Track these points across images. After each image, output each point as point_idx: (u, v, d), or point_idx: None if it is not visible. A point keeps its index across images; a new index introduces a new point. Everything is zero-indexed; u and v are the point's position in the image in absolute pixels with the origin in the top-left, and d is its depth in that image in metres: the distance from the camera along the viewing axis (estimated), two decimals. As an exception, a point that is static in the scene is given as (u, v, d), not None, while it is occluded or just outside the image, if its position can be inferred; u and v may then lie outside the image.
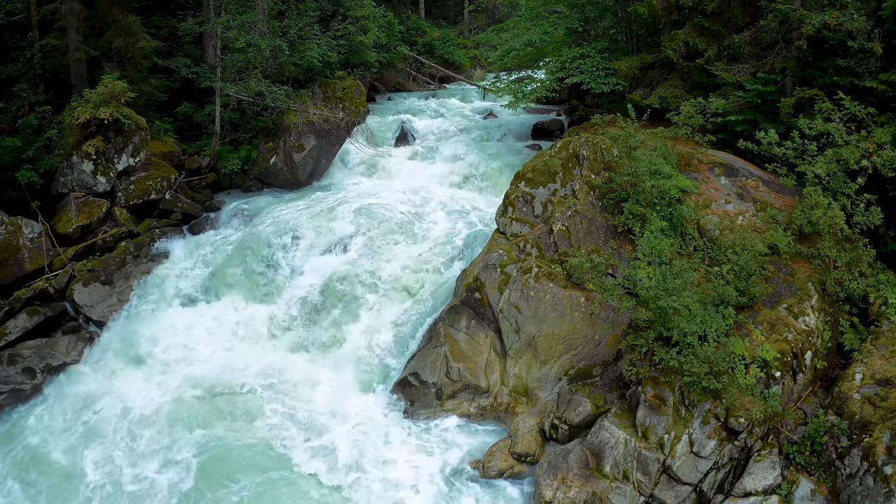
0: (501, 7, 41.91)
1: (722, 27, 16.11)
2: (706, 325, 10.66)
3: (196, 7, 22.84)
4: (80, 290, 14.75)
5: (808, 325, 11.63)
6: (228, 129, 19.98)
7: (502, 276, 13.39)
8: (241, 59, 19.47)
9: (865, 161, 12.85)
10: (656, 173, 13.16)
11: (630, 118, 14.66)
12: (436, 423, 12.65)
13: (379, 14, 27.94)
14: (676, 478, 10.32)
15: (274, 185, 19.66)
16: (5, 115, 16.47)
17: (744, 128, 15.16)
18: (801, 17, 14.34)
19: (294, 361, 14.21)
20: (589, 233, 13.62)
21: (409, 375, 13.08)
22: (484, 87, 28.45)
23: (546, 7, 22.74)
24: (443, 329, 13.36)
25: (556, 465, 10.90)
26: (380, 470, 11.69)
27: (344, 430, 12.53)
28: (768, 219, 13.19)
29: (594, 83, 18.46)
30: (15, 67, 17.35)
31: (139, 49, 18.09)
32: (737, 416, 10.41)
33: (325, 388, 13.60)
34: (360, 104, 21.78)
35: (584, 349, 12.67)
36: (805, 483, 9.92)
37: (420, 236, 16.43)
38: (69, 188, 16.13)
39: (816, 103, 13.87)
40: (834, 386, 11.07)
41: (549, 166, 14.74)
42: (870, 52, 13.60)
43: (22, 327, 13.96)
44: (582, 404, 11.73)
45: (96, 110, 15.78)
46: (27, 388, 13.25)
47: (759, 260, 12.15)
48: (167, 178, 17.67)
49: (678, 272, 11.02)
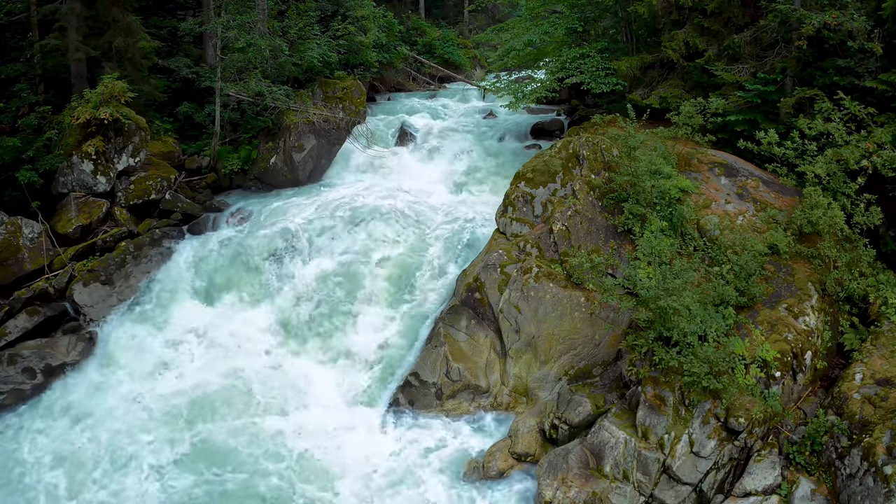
0: (501, 7, 41.88)
1: (722, 27, 16.10)
2: (706, 325, 10.66)
3: (196, 7, 22.83)
4: (80, 290, 14.75)
5: (808, 325, 11.63)
6: (228, 129, 19.97)
7: (502, 276, 13.39)
8: (241, 59, 19.45)
9: (865, 161, 12.84)
10: (656, 173, 13.16)
11: (630, 118, 14.65)
12: (436, 423, 12.65)
13: (379, 14, 27.91)
14: (676, 478, 10.32)
15: (274, 185, 19.64)
16: (5, 115, 16.47)
17: (744, 128, 15.16)
18: (801, 17, 14.34)
19: (292, 362, 14.20)
20: (589, 233, 13.62)
21: (409, 375, 13.09)
22: (484, 87, 28.40)
23: (546, 7, 22.71)
24: (443, 329, 13.36)
25: (556, 464, 10.90)
26: (379, 470, 11.70)
27: (344, 430, 12.53)
28: (768, 219, 13.19)
29: (594, 83, 18.44)
30: (15, 67, 17.34)
31: (139, 49, 18.08)
32: (737, 416, 10.42)
33: (325, 389, 13.60)
34: (360, 104, 21.77)
35: (584, 349, 12.67)
36: (805, 483, 9.93)
37: (419, 236, 16.42)
38: (69, 188, 16.13)
39: (816, 103, 13.87)
40: (834, 386, 11.07)
41: (549, 166, 14.74)
42: (870, 52, 13.60)
43: (22, 327, 13.96)
44: (582, 404, 11.73)
45: (96, 110, 15.77)
46: (27, 387, 13.26)
47: (759, 260, 12.15)
48: (167, 178, 17.66)
49: (678, 272, 11.03)
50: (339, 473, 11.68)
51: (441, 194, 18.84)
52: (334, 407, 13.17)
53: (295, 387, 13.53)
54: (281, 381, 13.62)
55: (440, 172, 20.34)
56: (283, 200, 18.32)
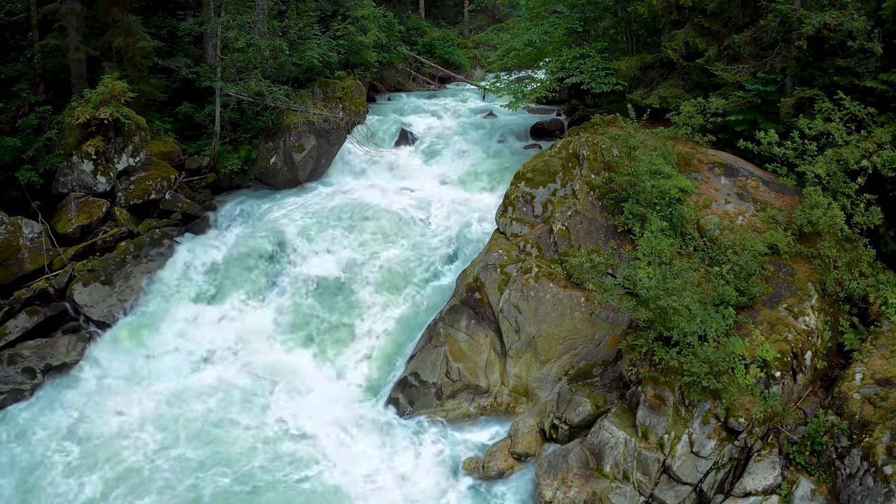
0: (501, 7, 41.89)
1: (722, 27, 16.10)
2: (706, 325, 10.67)
3: (196, 7, 22.82)
4: (80, 290, 14.75)
5: (808, 324, 11.63)
6: (228, 129, 19.97)
7: (502, 276, 13.39)
8: (241, 59, 19.44)
9: (865, 161, 12.85)
10: (656, 173, 13.16)
11: (630, 118, 14.65)
12: (435, 423, 12.65)
13: (379, 14, 27.91)
14: (676, 478, 10.32)
15: (274, 185, 19.64)
16: (5, 115, 16.46)
17: (744, 128, 15.16)
18: (801, 17, 14.35)
19: (292, 361, 14.21)
20: (589, 233, 13.62)
21: (409, 375, 13.09)
22: (484, 87, 28.42)
23: (546, 7, 22.71)
24: (443, 329, 13.36)
25: (556, 464, 10.91)
26: (379, 469, 11.70)
27: (343, 430, 12.53)
28: (768, 219, 13.20)
29: (594, 83, 18.44)
30: (15, 67, 17.33)
31: (139, 49, 18.06)
32: (737, 416, 10.42)
33: (324, 388, 13.61)
34: (359, 104, 21.77)
35: (584, 349, 12.67)
36: (805, 483, 9.93)
37: (419, 236, 16.43)
38: (69, 188, 16.12)
39: (816, 103, 13.87)
40: (834, 386, 11.07)
41: (549, 166, 14.74)
42: (870, 52, 13.61)
43: (22, 327, 13.96)
44: (582, 404, 11.73)
45: (96, 110, 15.77)
46: (27, 387, 13.27)
47: (759, 260, 12.16)
48: (167, 178, 17.66)
49: (678, 272, 11.03)
50: (339, 474, 11.68)
51: (441, 194, 18.83)
52: (333, 406, 13.16)
53: (295, 386, 13.54)
54: (281, 380, 13.62)
55: (440, 172, 20.34)
56: (283, 200, 18.32)
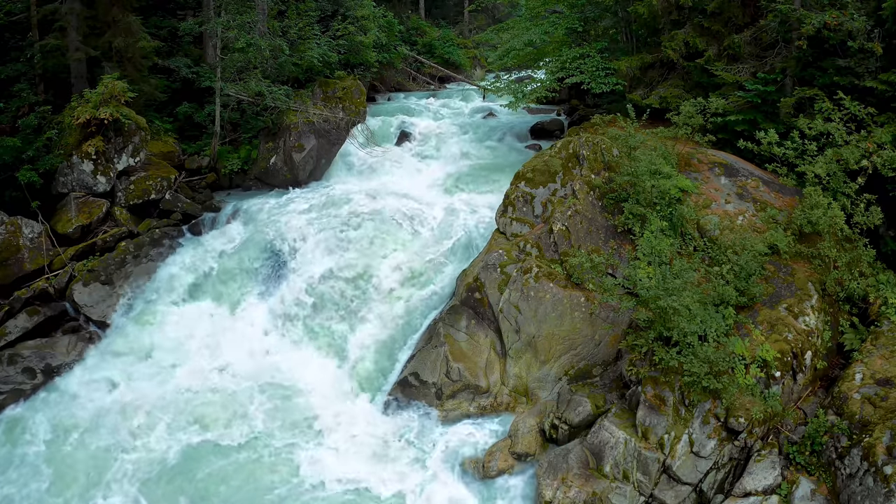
0: (501, 7, 41.91)
1: (722, 27, 16.11)
2: (706, 325, 10.66)
3: (196, 7, 22.83)
4: (80, 290, 14.75)
5: (808, 324, 11.63)
6: (228, 129, 19.97)
7: (502, 276, 13.39)
8: (241, 59, 19.45)
9: (865, 161, 12.85)
10: (656, 173, 13.16)
11: (630, 118, 14.66)
12: (435, 423, 12.64)
13: (379, 14, 27.93)
14: (676, 478, 10.32)
15: (274, 185, 19.64)
16: (5, 115, 16.47)
17: (744, 128, 15.16)
18: (801, 17, 14.35)
19: (292, 361, 14.20)
20: (589, 233, 13.62)
21: (409, 375, 13.08)
22: (484, 87, 28.42)
23: (546, 7, 22.73)
24: (443, 329, 13.36)
25: (556, 464, 10.91)
26: (378, 469, 11.70)
27: (342, 430, 12.53)
28: (768, 219, 13.19)
29: (594, 83, 18.44)
30: (15, 67, 17.34)
31: (139, 49, 18.08)
32: (737, 416, 10.42)
33: (323, 387, 13.60)
34: (359, 104, 21.77)
35: (584, 349, 12.67)
36: (805, 483, 9.93)
37: (419, 236, 16.41)
38: (69, 188, 16.13)
39: (816, 103, 13.87)
40: (834, 386, 11.07)
41: (549, 166, 14.74)
42: (870, 52, 13.60)
43: (22, 327, 13.96)
44: (582, 404, 11.73)
45: (96, 110, 15.77)
46: (27, 387, 13.26)
47: (759, 260, 12.15)
48: (167, 178, 17.66)
49: (678, 272, 11.03)
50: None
51: (440, 194, 18.83)
52: (332, 405, 13.15)
53: (295, 385, 13.53)
54: (281, 380, 13.62)
55: (440, 172, 20.33)
56: (283, 200, 18.31)
